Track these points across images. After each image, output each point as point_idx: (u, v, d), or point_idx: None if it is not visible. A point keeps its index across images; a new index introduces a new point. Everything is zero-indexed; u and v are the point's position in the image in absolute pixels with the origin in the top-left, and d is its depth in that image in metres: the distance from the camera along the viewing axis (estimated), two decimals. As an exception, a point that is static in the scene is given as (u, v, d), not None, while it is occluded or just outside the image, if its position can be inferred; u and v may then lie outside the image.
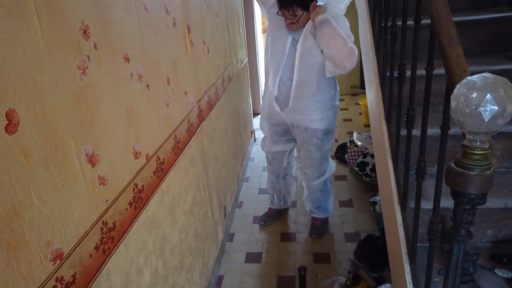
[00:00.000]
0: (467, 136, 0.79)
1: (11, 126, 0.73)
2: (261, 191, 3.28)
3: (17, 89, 0.75)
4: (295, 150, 2.71)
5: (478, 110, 0.72)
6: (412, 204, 1.40)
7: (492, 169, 0.79)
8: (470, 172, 0.79)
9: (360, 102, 4.58)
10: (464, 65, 0.99)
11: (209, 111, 2.27)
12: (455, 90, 0.77)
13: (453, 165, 0.82)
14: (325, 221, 2.73)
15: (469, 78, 0.75)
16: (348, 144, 3.48)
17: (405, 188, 1.47)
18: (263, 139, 2.67)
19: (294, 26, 2.14)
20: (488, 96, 0.71)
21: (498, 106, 0.71)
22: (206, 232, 2.13)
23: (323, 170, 2.51)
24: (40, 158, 0.80)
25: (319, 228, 2.69)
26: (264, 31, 5.48)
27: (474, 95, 0.73)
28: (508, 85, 0.72)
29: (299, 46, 2.15)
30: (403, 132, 1.47)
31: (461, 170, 0.80)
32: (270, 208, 2.89)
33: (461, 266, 0.89)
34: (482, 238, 1.54)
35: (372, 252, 2.21)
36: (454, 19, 1.89)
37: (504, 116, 0.72)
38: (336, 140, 4.10)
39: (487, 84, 0.72)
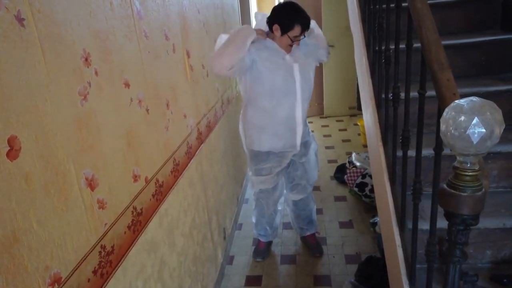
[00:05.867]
0: (457, 158, 0.80)
1: (13, 152, 0.75)
2: (261, 212, 3.27)
3: (20, 115, 0.77)
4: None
5: (467, 133, 0.74)
6: (410, 225, 1.40)
7: (483, 190, 0.81)
8: (462, 193, 0.80)
9: (358, 123, 4.62)
10: (454, 88, 1.02)
11: (208, 134, 2.30)
12: (444, 114, 0.79)
13: (445, 186, 0.83)
14: (316, 235, 2.77)
15: (457, 101, 0.78)
16: (347, 165, 3.49)
17: (403, 209, 1.48)
18: (259, 181, 2.43)
19: (291, 47, 2.14)
20: (476, 119, 0.73)
21: (485, 129, 0.73)
22: (205, 255, 2.12)
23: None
24: (41, 183, 0.82)
25: (318, 245, 2.70)
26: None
27: (462, 118, 0.75)
28: (495, 108, 0.75)
29: (297, 66, 2.14)
30: (400, 153, 1.49)
31: (453, 191, 0.81)
32: (262, 242, 2.73)
33: (457, 287, 0.89)
34: (481, 259, 1.53)
35: (373, 274, 2.19)
36: (449, 42, 1.97)
37: (492, 138, 0.75)
38: (335, 161, 4.11)
39: (475, 107, 0.75)
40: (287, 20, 2.03)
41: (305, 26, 2.05)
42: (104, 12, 1.13)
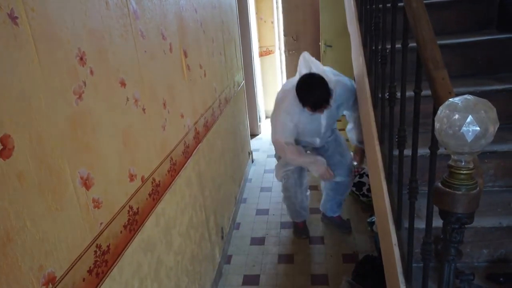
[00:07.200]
0: (452, 156, 0.80)
1: (6, 151, 0.75)
2: (259, 212, 3.27)
3: (13, 115, 0.77)
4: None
5: (461, 131, 0.74)
6: (407, 224, 1.40)
7: (478, 188, 0.81)
8: (457, 192, 0.80)
9: (356, 123, 4.60)
10: (449, 87, 1.02)
11: (206, 133, 2.30)
12: (438, 112, 0.79)
13: (440, 185, 0.83)
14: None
15: (451, 100, 0.78)
16: (345, 164, 3.49)
17: (399, 208, 1.48)
18: (286, 163, 2.61)
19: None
20: (470, 117, 0.73)
21: (480, 127, 0.73)
22: (202, 254, 2.12)
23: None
24: (34, 182, 0.82)
25: (345, 222, 2.94)
26: (260, 55, 5.56)
27: (456, 116, 0.75)
28: (489, 106, 0.75)
29: (325, 116, 2.37)
30: (396, 152, 1.49)
31: (447, 189, 0.81)
32: (299, 223, 2.92)
33: (452, 285, 0.89)
34: (478, 257, 1.53)
35: (370, 273, 2.19)
36: (445, 42, 1.97)
37: (487, 136, 0.74)
38: (334, 161, 4.11)
39: (469, 105, 0.75)
40: (300, 98, 2.18)
41: (316, 107, 2.14)
42: (99, 11, 1.12)
